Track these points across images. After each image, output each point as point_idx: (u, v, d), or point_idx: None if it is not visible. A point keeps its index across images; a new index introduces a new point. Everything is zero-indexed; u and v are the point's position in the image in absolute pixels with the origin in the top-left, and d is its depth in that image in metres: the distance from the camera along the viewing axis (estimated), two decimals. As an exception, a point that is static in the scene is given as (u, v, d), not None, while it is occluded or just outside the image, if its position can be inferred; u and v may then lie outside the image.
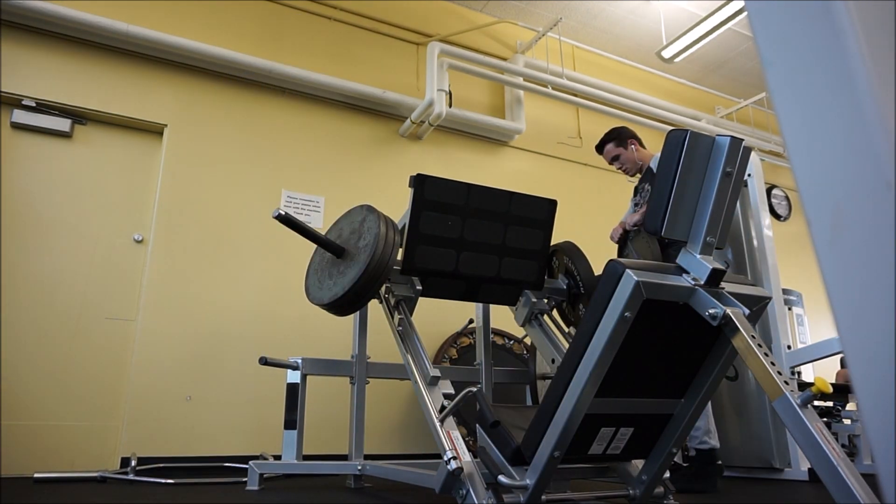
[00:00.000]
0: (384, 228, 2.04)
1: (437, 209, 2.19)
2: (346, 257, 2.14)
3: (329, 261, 2.23)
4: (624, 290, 1.33)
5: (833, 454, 1.13)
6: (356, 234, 2.16)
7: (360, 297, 2.06)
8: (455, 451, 1.59)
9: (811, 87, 0.47)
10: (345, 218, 2.31)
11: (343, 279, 2.08)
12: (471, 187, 2.24)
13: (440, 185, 2.19)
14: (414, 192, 2.15)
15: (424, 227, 2.17)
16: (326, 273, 2.21)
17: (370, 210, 2.17)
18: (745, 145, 1.42)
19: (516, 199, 2.33)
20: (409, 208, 2.17)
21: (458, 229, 2.23)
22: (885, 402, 0.41)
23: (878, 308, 0.42)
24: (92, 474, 2.62)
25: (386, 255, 2.00)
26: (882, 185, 0.41)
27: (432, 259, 2.19)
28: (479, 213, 2.26)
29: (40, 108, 3.29)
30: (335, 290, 2.09)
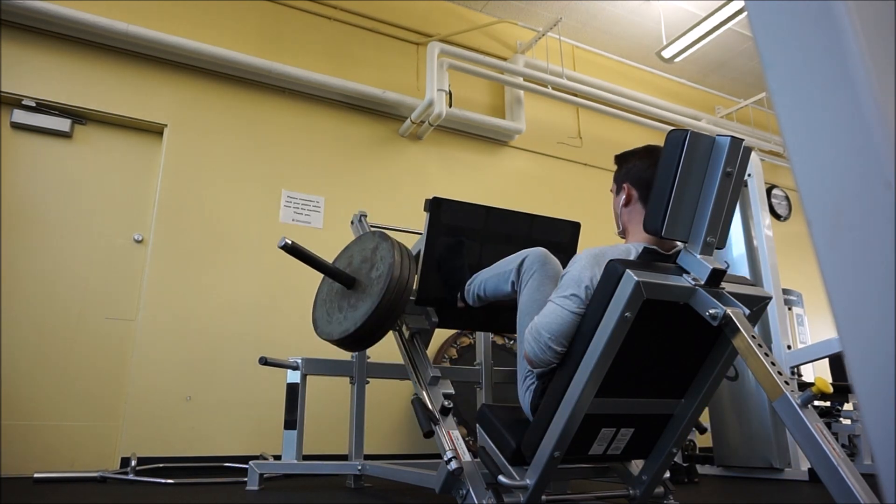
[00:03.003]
0: (398, 257, 1.89)
1: (454, 234, 2.06)
2: (357, 289, 1.98)
3: (338, 292, 2.07)
4: (624, 290, 1.33)
5: (833, 454, 1.13)
6: (368, 262, 2.00)
7: (374, 332, 1.91)
8: (455, 451, 1.59)
9: (811, 87, 0.47)
10: (355, 244, 2.15)
11: (354, 314, 1.93)
12: (490, 210, 2.11)
13: (457, 209, 2.06)
14: (429, 216, 2.01)
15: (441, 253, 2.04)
16: (336, 305, 2.05)
17: (383, 237, 2.01)
18: (745, 145, 1.42)
19: (538, 221, 2.20)
20: (424, 234, 2.03)
21: (475, 254, 2.11)
22: (885, 402, 0.41)
23: (878, 308, 0.42)
24: (92, 474, 2.62)
25: (402, 286, 1.86)
26: (882, 185, 0.41)
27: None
28: (499, 238, 2.14)
29: (40, 108, 3.29)
30: (346, 325, 1.93)
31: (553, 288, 1.63)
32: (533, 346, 1.49)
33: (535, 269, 1.69)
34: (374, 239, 2.05)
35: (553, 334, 1.46)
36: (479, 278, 1.89)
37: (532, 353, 1.50)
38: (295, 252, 1.93)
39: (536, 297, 1.65)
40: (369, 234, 2.11)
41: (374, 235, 2.07)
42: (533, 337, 1.50)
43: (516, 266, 1.73)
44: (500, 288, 1.79)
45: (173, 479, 2.54)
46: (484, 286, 1.85)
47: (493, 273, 1.82)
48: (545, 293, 1.63)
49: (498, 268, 1.81)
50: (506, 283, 1.76)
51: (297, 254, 1.94)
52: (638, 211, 1.65)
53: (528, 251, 1.74)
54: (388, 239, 1.99)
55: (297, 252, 1.94)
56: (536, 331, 1.49)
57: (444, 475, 1.57)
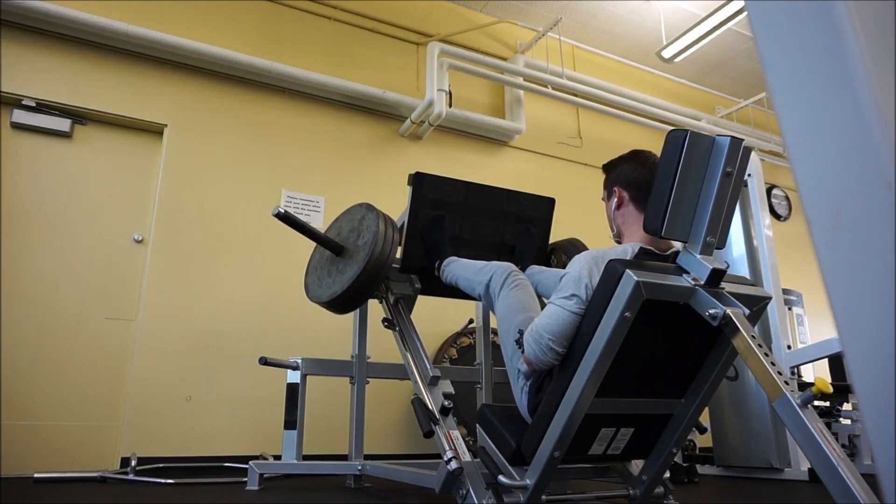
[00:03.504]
0: (383, 227, 2.04)
1: (435, 207, 2.19)
2: (345, 255, 2.14)
3: (328, 259, 2.23)
4: (624, 290, 1.33)
5: (833, 454, 1.13)
6: (355, 232, 2.15)
7: (359, 295, 2.06)
8: (455, 452, 1.59)
9: (811, 87, 0.47)
10: (344, 216, 2.31)
11: (342, 277, 2.08)
12: (469, 185, 2.25)
13: (439, 183, 2.20)
14: (412, 190, 2.15)
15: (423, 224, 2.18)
16: (326, 271, 2.21)
17: (369, 208, 2.16)
18: (745, 145, 1.42)
19: (514, 197, 2.35)
20: (407, 206, 2.17)
21: (456, 227, 2.24)
22: (885, 402, 0.41)
23: (878, 308, 0.42)
24: (92, 474, 2.62)
25: (385, 253, 2.00)
26: (882, 185, 0.41)
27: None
28: (478, 211, 2.27)
29: (40, 108, 3.29)
30: (334, 288, 2.08)
31: (523, 291, 1.75)
32: (534, 348, 1.49)
33: (501, 285, 1.81)
34: (362, 210, 2.19)
35: (554, 335, 1.46)
36: (454, 267, 2.04)
37: (532, 355, 1.50)
38: (288, 220, 2.08)
39: (510, 302, 1.76)
40: (357, 206, 2.24)
41: (361, 207, 2.21)
42: (534, 339, 1.49)
43: (484, 283, 1.86)
44: (469, 290, 1.98)
45: (173, 479, 2.54)
46: (456, 279, 2.02)
47: (465, 275, 1.98)
48: (516, 297, 1.75)
49: (469, 271, 1.96)
50: (473, 290, 1.94)
51: (290, 222, 2.09)
52: (631, 212, 1.68)
53: (493, 268, 1.87)
54: (374, 210, 2.14)
55: (290, 220, 2.08)
56: (537, 332, 1.49)
57: (444, 475, 1.57)
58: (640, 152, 1.73)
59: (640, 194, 1.66)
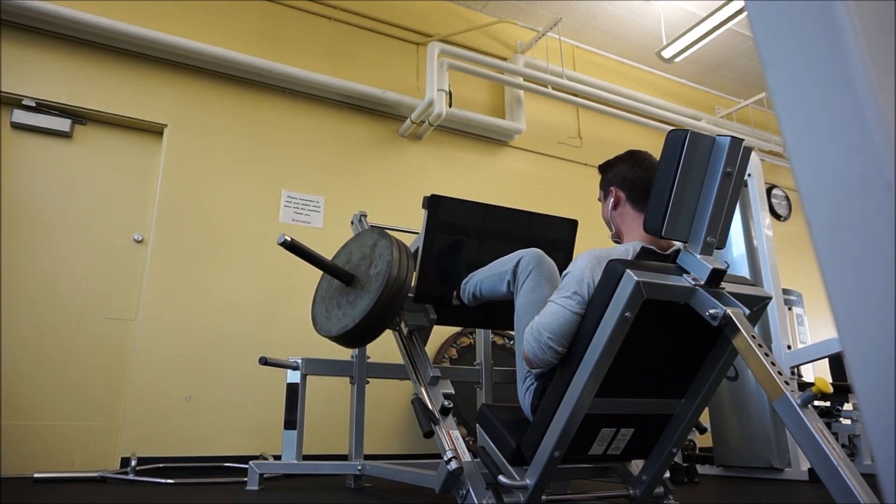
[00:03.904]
0: (397, 254, 1.90)
1: (451, 231, 2.06)
2: (356, 285, 1.99)
3: (337, 289, 2.08)
4: (624, 290, 1.33)
5: (833, 454, 1.13)
6: (367, 259, 2.01)
7: (373, 329, 1.92)
8: (455, 451, 1.59)
9: (811, 87, 0.47)
10: (354, 242, 2.16)
11: (353, 310, 1.93)
12: (488, 208, 2.12)
13: (455, 206, 2.06)
14: (427, 213, 2.01)
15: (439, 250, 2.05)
16: (335, 302, 2.06)
17: (381, 234, 2.02)
18: (745, 145, 1.42)
19: (535, 219, 2.22)
20: (422, 231, 2.04)
21: (474, 252, 2.11)
22: (885, 402, 0.41)
23: (878, 308, 0.42)
24: (92, 474, 2.62)
25: (399, 283, 1.86)
26: (882, 185, 0.41)
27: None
28: (497, 235, 2.14)
29: (40, 108, 3.29)
30: (344, 321, 1.94)
31: (550, 288, 1.64)
32: (533, 346, 1.49)
33: (531, 269, 1.69)
34: (373, 236, 2.05)
35: (554, 334, 1.46)
36: (475, 278, 1.90)
37: (532, 353, 1.50)
38: (294, 249, 1.93)
39: (533, 297, 1.65)
40: (368, 231, 2.11)
41: (372, 232, 2.08)
42: (533, 337, 1.49)
43: (512, 267, 1.73)
44: (495, 288, 1.80)
45: (173, 479, 2.54)
46: (480, 286, 1.86)
47: (489, 273, 1.82)
48: (542, 294, 1.64)
49: (494, 268, 1.82)
50: (501, 283, 1.76)
51: (296, 250, 1.94)
52: (628, 212, 1.69)
53: (523, 252, 1.74)
54: (387, 236, 2.00)
55: (296, 249, 1.94)
56: (537, 330, 1.49)
57: (444, 475, 1.57)
58: (637, 152, 1.73)
59: (636, 194, 1.67)
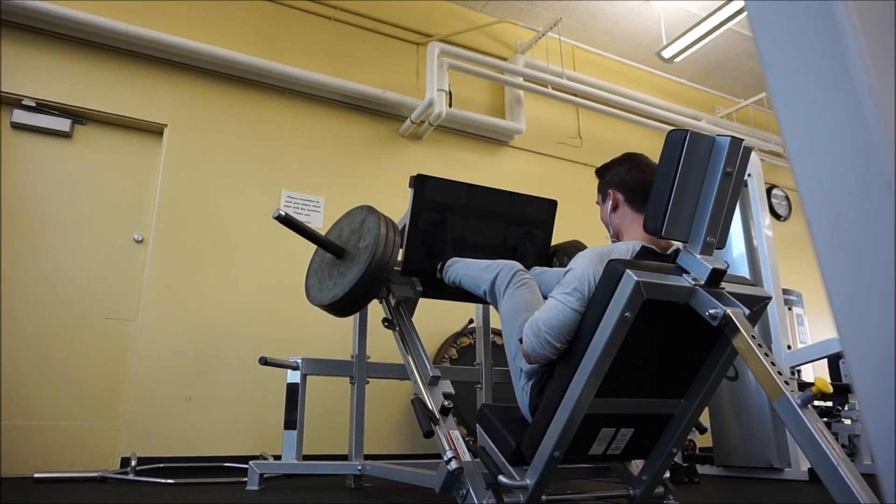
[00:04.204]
0: (384, 229, 2.02)
1: (437, 209, 2.18)
2: (346, 258, 2.12)
3: (329, 262, 2.22)
4: (624, 290, 1.33)
5: (833, 454, 1.13)
6: (356, 234, 2.14)
7: (361, 298, 2.04)
8: (455, 451, 1.59)
9: (811, 87, 0.47)
10: (345, 218, 2.29)
11: (343, 280, 2.06)
12: (471, 188, 2.23)
13: (440, 186, 2.18)
14: (414, 192, 2.13)
15: (425, 227, 2.16)
16: (326, 274, 2.20)
17: (370, 210, 2.15)
18: (745, 145, 1.42)
19: (517, 199, 2.33)
20: (409, 209, 2.15)
21: (458, 229, 2.23)
22: (885, 402, 0.41)
23: (878, 308, 0.42)
24: (92, 474, 2.62)
25: (386, 255, 1.98)
26: (882, 185, 0.41)
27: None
28: (480, 213, 2.26)
29: (40, 108, 3.29)
30: (335, 291, 2.07)
31: (528, 291, 1.73)
32: (532, 341, 1.50)
33: (507, 283, 1.78)
34: (363, 212, 2.18)
35: (552, 330, 1.46)
36: (458, 267, 2.02)
37: (530, 348, 1.50)
38: (288, 223, 2.05)
39: (514, 300, 1.73)
40: (358, 209, 2.23)
41: (362, 209, 2.20)
42: (532, 332, 1.50)
43: (490, 280, 1.84)
44: (473, 288, 1.94)
45: (173, 479, 2.54)
46: (460, 279, 1.99)
47: (470, 273, 1.94)
48: (524, 296, 1.73)
49: (475, 270, 1.93)
50: (478, 288, 1.90)
51: (291, 225, 2.06)
52: (627, 213, 1.71)
53: (499, 266, 1.85)
54: (375, 212, 2.12)
55: (290, 223, 2.06)
56: (536, 326, 1.49)
57: (444, 475, 1.57)
58: (633, 155, 1.77)
59: (634, 195, 1.69)
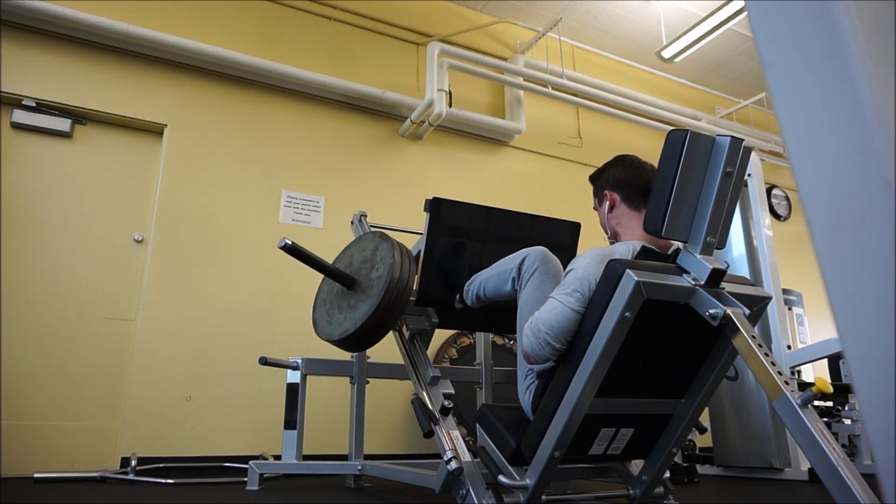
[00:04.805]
0: (398, 258, 1.90)
1: (453, 234, 2.04)
2: (357, 289, 1.99)
3: (338, 292, 2.07)
4: (624, 290, 1.33)
5: (833, 454, 1.13)
6: (368, 263, 2.00)
7: (374, 333, 1.92)
8: (455, 451, 1.59)
9: (811, 87, 0.47)
10: (355, 245, 2.16)
11: (354, 314, 1.93)
12: (490, 210, 2.12)
13: (457, 210, 2.06)
14: (430, 217, 2.00)
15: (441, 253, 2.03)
16: (336, 306, 2.05)
17: (383, 238, 2.02)
18: (745, 145, 1.42)
19: (538, 222, 2.21)
20: (424, 234, 2.03)
21: (476, 255, 2.10)
22: (885, 402, 0.41)
23: (878, 308, 0.42)
24: (92, 474, 2.62)
25: (401, 287, 1.86)
26: (882, 185, 0.41)
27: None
28: (499, 238, 2.14)
29: (40, 108, 3.29)
30: (346, 325, 1.94)
31: (553, 286, 1.63)
32: (532, 341, 1.49)
33: (535, 267, 1.69)
34: (375, 239, 2.05)
35: (552, 330, 1.46)
36: (478, 279, 1.89)
37: (530, 348, 1.50)
38: (295, 252, 1.93)
39: (537, 295, 1.65)
40: (369, 235, 2.11)
41: (374, 236, 2.07)
42: (532, 332, 1.50)
43: (517, 265, 1.73)
44: (500, 288, 1.79)
45: (173, 479, 2.54)
46: (484, 286, 1.86)
47: (493, 273, 1.82)
48: (546, 291, 1.64)
49: (498, 267, 1.82)
50: (506, 282, 1.76)
51: (297, 254, 1.94)
52: (624, 212, 1.70)
53: (528, 250, 1.74)
54: (389, 239, 1.99)
55: (296, 252, 1.93)
56: (536, 326, 1.49)
57: (444, 475, 1.57)
58: (625, 156, 1.78)
59: (631, 193, 1.69)
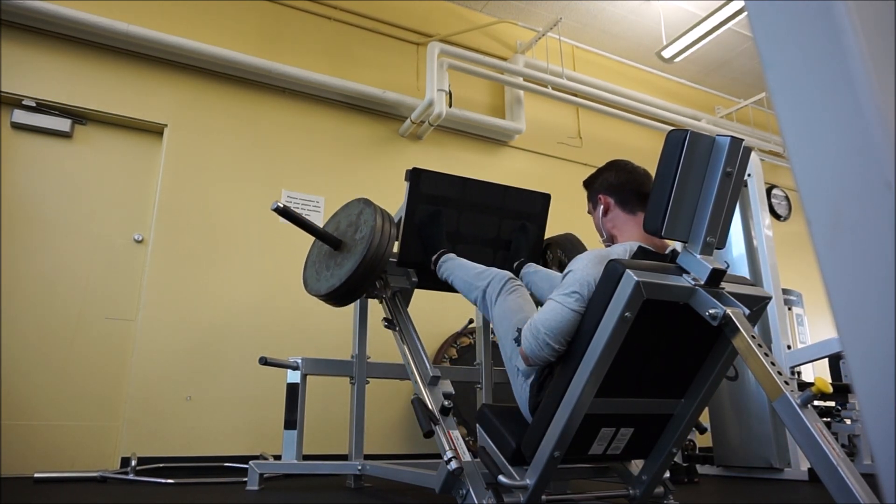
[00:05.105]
0: (380, 221, 2.06)
1: (432, 202, 2.23)
2: (343, 249, 2.17)
3: (327, 253, 2.26)
4: (624, 290, 1.33)
5: (833, 454, 1.13)
6: (353, 226, 2.18)
7: (357, 287, 2.08)
8: (455, 451, 1.59)
9: (811, 87, 0.47)
10: (342, 211, 2.33)
11: (340, 271, 2.10)
12: (466, 181, 2.30)
13: (436, 179, 2.24)
14: (410, 185, 2.19)
15: (420, 219, 2.21)
16: (324, 265, 2.24)
17: (367, 203, 2.19)
18: (745, 145, 1.42)
19: (510, 192, 2.38)
20: (404, 201, 2.20)
21: (453, 222, 2.27)
22: (885, 402, 0.41)
23: (878, 308, 0.42)
24: (92, 474, 2.62)
25: (382, 246, 2.02)
26: (882, 185, 0.41)
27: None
28: (475, 207, 2.31)
29: (40, 108, 3.29)
30: (332, 281, 2.11)
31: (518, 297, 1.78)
32: (531, 343, 1.49)
33: (498, 291, 1.84)
34: (359, 205, 2.22)
35: (551, 332, 1.46)
36: (451, 266, 2.07)
37: (529, 350, 1.50)
38: (287, 215, 2.08)
39: (508, 305, 1.79)
40: (355, 202, 2.27)
41: (359, 202, 2.23)
42: (532, 334, 1.50)
43: (482, 289, 1.89)
44: (464, 292, 2.01)
45: (173, 479, 2.54)
46: (452, 279, 2.06)
47: (462, 277, 2.01)
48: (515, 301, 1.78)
49: (467, 275, 1.99)
50: (469, 294, 1.97)
51: (289, 216, 2.09)
52: (619, 215, 1.73)
53: (491, 275, 1.91)
54: (371, 205, 2.16)
55: (288, 215, 2.09)
56: (535, 328, 1.49)
57: (444, 475, 1.57)
58: (617, 161, 1.83)
59: (625, 196, 1.72)
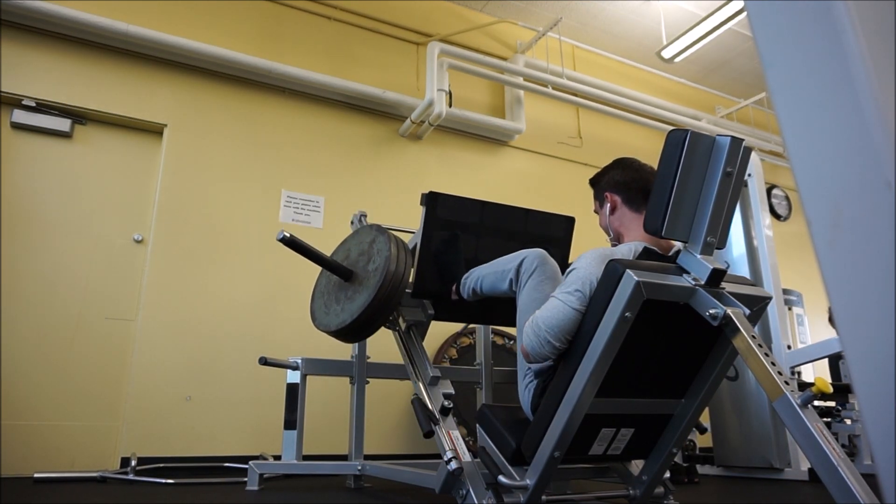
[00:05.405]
0: (395, 250, 1.93)
1: (449, 228, 2.07)
2: (354, 281, 2.03)
3: (336, 284, 2.11)
4: (624, 290, 1.33)
5: (833, 454, 1.13)
6: (365, 255, 2.04)
7: (371, 323, 1.95)
8: (455, 451, 1.59)
9: (811, 87, 0.47)
10: (352, 238, 2.19)
11: (351, 305, 1.96)
12: (485, 204, 2.14)
13: (453, 203, 2.08)
14: (426, 210, 2.03)
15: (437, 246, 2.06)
16: (333, 297, 2.09)
17: (380, 231, 2.06)
18: (745, 145, 1.42)
19: (532, 216, 2.24)
20: (420, 227, 2.06)
21: (472, 248, 2.13)
22: (885, 402, 0.41)
23: (878, 308, 0.42)
24: (92, 474, 2.62)
25: (398, 279, 1.89)
26: (882, 185, 0.41)
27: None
28: (494, 232, 2.17)
29: (40, 108, 3.29)
30: (343, 316, 1.98)
31: (552, 287, 1.65)
32: (532, 340, 1.50)
33: (534, 268, 1.70)
34: (372, 232, 2.08)
35: (552, 329, 1.46)
36: (475, 274, 1.91)
37: (530, 347, 1.51)
38: (293, 245, 1.95)
39: (536, 296, 1.66)
40: (367, 228, 2.15)
41: (371, 229, 2.11)
42: (533, 331, 1.50)
43: (515, 266, 1.74)
44: (496, 286, 1.81)
45: (173, 479, 2.54)
46: (481, 282, 1.87)
47: (491, 271, 1.84)
48: (544, 292, 1.65)
49: (496, 266, 1.83)
50: (503, 281, 1.78)
51: (296, 246, 1.96)
52: (625, 214, 1.72)
53: (526, 251, 1.75)
54: (385, 232, 2.03)
55: (295, 245, 1.96)
56: (536, 325, 1.49)
57: (444, 475, 1.57)
58: (624, 158, 1.80)
59: (632, 195, 1.71)
